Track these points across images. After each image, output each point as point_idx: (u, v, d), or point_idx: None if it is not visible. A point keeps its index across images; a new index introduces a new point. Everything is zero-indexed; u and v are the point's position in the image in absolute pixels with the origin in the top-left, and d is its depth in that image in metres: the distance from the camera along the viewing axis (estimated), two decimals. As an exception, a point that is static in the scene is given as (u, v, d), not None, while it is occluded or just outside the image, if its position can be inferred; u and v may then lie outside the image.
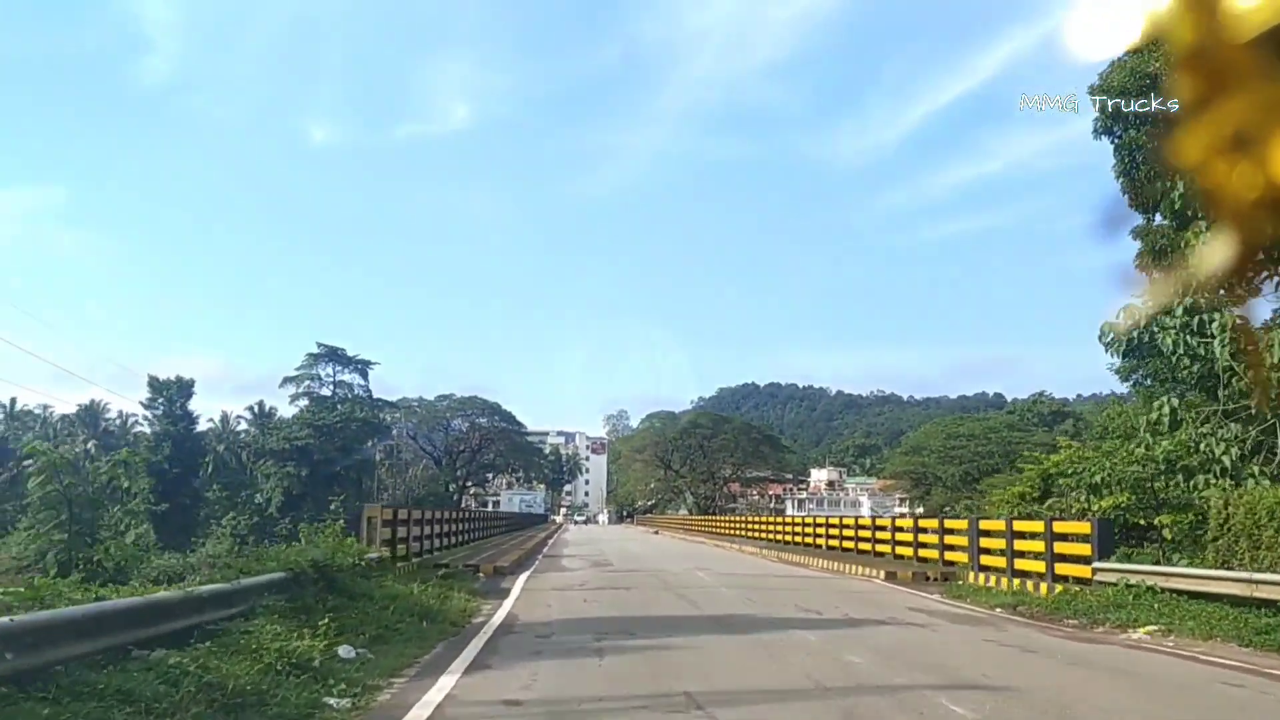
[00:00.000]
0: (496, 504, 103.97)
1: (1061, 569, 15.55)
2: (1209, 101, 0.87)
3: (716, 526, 53.50)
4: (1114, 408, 29.29)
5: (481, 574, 19.14)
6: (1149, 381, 22.53)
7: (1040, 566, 16.15)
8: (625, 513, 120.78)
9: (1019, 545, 17.09)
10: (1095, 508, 16.75)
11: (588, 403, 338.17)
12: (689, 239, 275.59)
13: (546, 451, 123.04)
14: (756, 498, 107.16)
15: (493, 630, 10.76)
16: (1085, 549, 15.31)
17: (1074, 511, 17.87)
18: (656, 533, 63.06)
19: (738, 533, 45.01)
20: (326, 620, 7.83)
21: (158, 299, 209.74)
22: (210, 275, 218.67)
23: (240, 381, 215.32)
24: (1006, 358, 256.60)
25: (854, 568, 22.15)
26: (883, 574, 19.97)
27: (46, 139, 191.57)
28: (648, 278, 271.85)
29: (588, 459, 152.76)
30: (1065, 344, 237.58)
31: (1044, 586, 15.59)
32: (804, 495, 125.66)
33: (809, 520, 34.16)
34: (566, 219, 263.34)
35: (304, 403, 78.04)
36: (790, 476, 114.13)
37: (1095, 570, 14.83)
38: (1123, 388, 27.21)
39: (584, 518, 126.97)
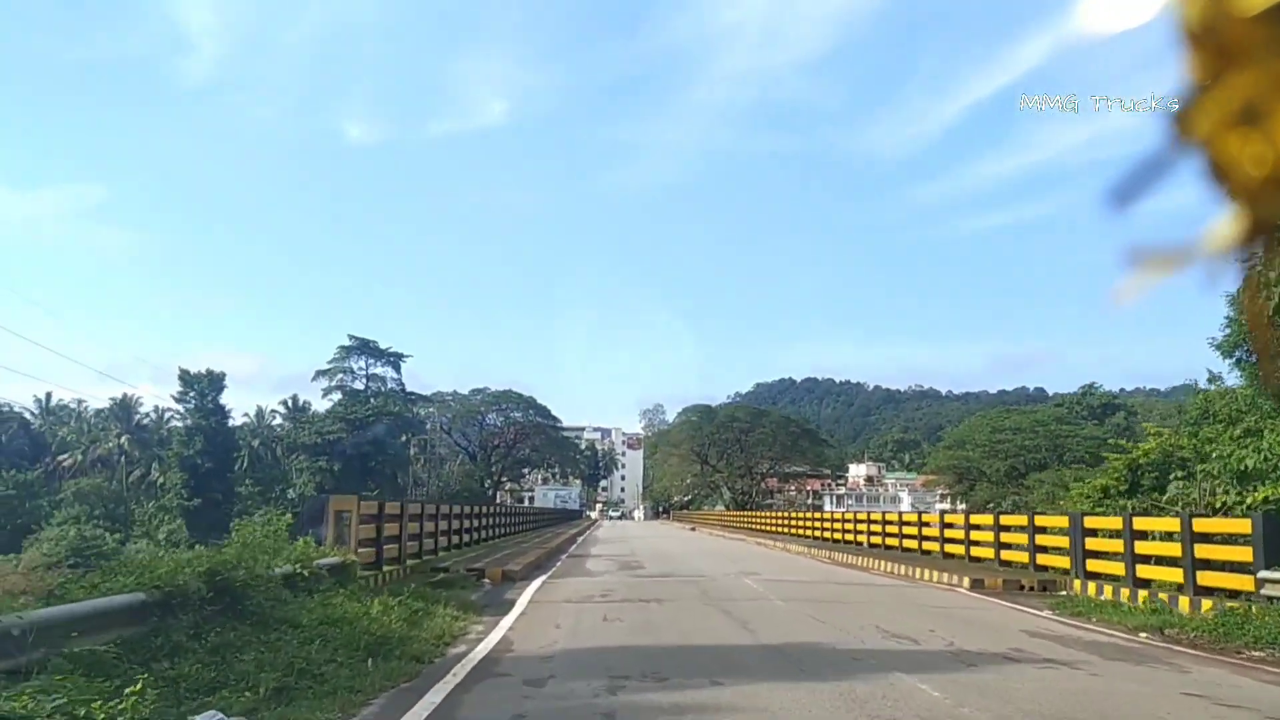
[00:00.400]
0: (531, 499, 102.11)
1: (1207, 578, 12.51)
2: (1219, 76, 0.84)
3: (757, 523, 50.38)
4: (1213, 389, 26.12)
5: (487, 580, 16.19)
6: (1254, 357, 19.78)
7: (1175, 575, 13.09)
8: (661, 508, 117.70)
9: (1140, 548, 13.95)
10: (1249, 501, 13.38)
11: (624, 400, 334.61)
12: (724, 234, 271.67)
13: (582, 447, 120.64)
14: (794, 493, 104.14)
15: (468, 670, 7.70)
16: (1242, 553, 12.19)
17: (1218, 506, 14.48)
18: (693, 529, 59.85)
19: (781, 529, 41.83)
20: (141, 684, 4.64)
21: (196, 296, 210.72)
22: (248, 272, 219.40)
23: (278, 377, 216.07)
24: (1047, 351, 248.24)
25: (926, 572, 18.91)
26: (966, 581, 16.70)
27: (88, 138, 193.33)
28: (683, 274, 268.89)
29: (623, 454, 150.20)
30: (1109, 338, 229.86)
31: (1184, 600, 12.45)
32: (843, 491, 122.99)
33: (861, 516, 30.87)
34: (601, 215, 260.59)
35: (337, 396, 76.46)
36: (828, 472, 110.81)
37: (1261, 581, 11.58)
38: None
39: (618, 513, 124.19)
